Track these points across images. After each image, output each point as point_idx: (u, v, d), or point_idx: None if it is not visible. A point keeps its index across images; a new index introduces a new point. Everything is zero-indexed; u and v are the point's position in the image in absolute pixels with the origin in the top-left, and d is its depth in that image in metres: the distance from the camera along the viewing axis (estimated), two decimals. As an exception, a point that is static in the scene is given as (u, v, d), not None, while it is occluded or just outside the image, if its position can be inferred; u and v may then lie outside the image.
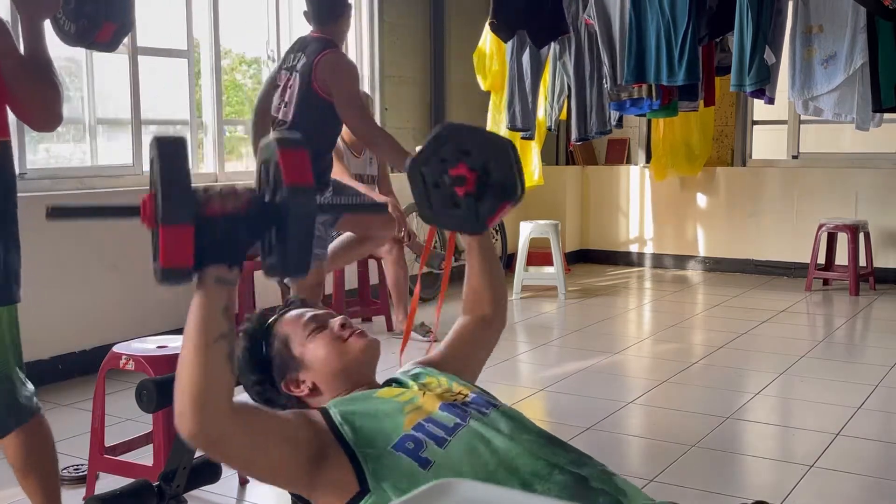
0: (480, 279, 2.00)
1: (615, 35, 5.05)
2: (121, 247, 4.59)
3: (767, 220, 7.33)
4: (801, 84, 4.65)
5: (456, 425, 1.58)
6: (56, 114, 2.21)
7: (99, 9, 2.36)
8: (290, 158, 1.37)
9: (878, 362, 4.62)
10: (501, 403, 1.71)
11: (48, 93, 2.17)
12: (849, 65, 4.48)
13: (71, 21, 2.37)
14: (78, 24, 2.38)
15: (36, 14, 2.21)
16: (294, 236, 1.37)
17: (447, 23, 6.97)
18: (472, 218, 1.83)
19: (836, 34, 4.51)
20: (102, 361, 2.92)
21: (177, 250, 1.33)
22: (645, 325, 6.03)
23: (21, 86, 2.13)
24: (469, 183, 1.81)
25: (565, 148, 8.08)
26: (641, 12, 4.82)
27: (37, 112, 2.20)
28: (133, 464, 2.89)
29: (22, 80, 2.13)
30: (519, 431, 1.59)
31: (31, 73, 2.16)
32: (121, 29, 2.44)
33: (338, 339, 1.76)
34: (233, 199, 1.40)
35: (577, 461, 1.56)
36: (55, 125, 2.26)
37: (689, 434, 3.51)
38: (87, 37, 2.41)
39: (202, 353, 1.40)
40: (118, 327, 4.42)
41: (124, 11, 2.43)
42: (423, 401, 1.65)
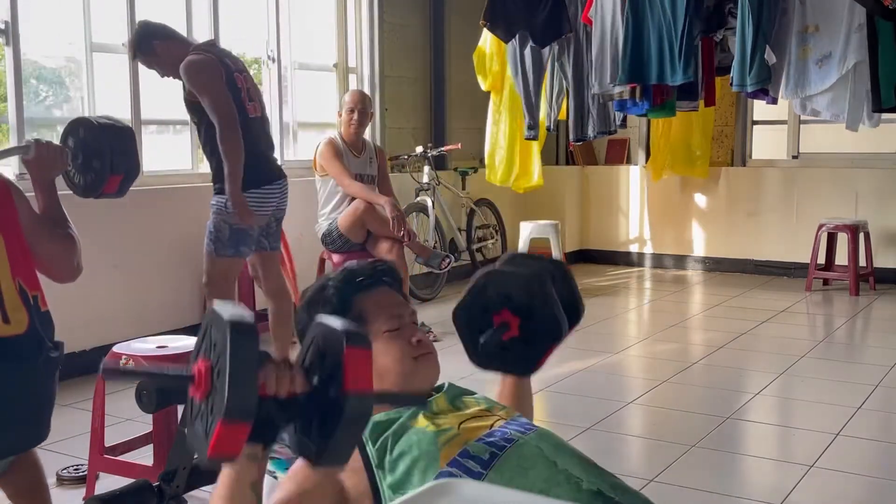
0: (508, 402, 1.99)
1: (607, 36, 5.04)
2: (121, 247, 4.60)
3: (767, 220, 7.33)
4: (794, 83, 4.65)
5: (492, 456, 1.54)
6: (74, 266, 2.29)
7: (105, 164, 2.51)
8: (355, 360, 1.27)
9: (878, 362, 4.61)
10: (538, 427, 1.68)
11: (66, 248, 2.26)
12: (842, 64, 4.48)
13: (80, 175, 2.48)
14: (86, 178, 2.52)
15: (47, 174, 2.31)
16: (342, 437, 1.29)
17: (447, 23, 6.97)
18: (522, 361, 1.90)
19: (832, 34, 4.51)
20: (102, 361, 2.92)
21: (229, 445, 1.27)
22: (645, 325, 6.02)
23: (40, 245, 2.19)
24: (513, 328, 1.84)
25: (565, 148, 8.08)
26: (640, 13, 4.81)
27: (57, 267, 2.27)
28: (133, 464, 2.89)
29: (39, 239, 2.19)
30: (557, 456, 1.56)
31: (48, 230, 2.23)
32: (126, 179, 2.56)
33: (407, 356, 1.71)
34: (286, 383, 1.32)
35: (618, 486, 1.54)
36: (75, 276, 2.32)
37: (689, 434, 3.51)
38: (95, 189, 2.58)
39: None
40: (118, 327, 4.42)
41: (129, 162, 2.55)
42: (458, 430, 1.60)
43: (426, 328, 5.13)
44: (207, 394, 1.29)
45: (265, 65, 5.83)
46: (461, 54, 6.75)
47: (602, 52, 5.09)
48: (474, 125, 7.00)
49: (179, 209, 4.93)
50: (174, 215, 4.90)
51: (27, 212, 2.20)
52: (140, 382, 2.00)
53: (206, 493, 2.89)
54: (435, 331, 5.14)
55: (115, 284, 4.58)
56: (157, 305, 4.76)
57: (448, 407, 1.70)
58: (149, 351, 2.86)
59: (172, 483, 1.98)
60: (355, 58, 6.44)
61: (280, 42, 5.80)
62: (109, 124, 2.60)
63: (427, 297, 6.28)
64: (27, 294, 2.12)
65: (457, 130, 7.04)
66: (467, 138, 6.93)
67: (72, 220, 2.34)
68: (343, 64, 6.33)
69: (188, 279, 4.84)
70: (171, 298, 4.87)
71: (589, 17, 5.18)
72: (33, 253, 2.19)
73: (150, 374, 1.58)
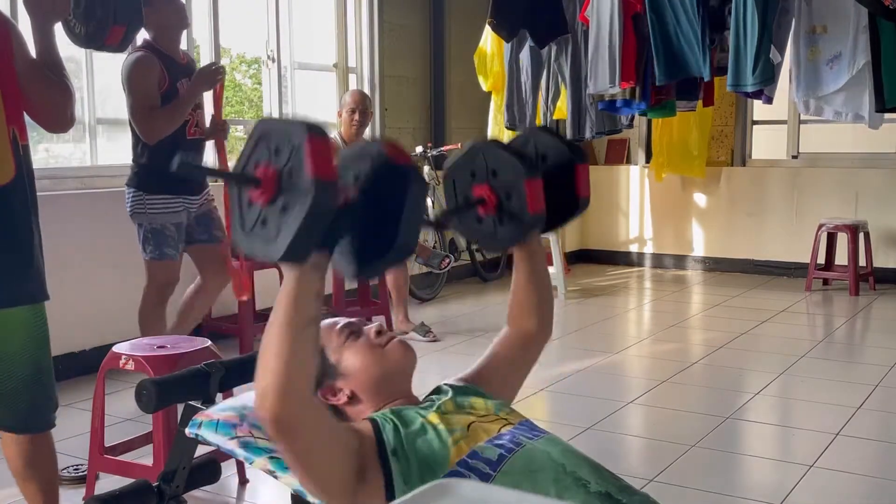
0: (525, 288, 1.92)
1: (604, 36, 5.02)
2: (121, 247, 4.59)
3: (767, 220, 7.33)
4: (806, 85, 4.63)
5: (500, 458, 1.55)
6: (68, 116, 2.23)
7: (108, 12, 2.39)
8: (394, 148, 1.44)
9: (878, 362, 4.62)
10: (546, 432, 1.68)
11: (60, 95, 2.20)
12: (852, 64, 4.47)
13: (81, 24, 2.40)
14: (88, 27, 2.40)
15: (47, 18, 2.23)
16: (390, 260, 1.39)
17: (447, 23, 6.97)
18: (491, 239, 1.81)
19: (840, 34, 4.50)
20: (102, 361, 2.92)
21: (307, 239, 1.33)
22: (645, 325, 6.02)
23: (33, 89, 2.14)
24: (489, 206, 1.76)
25: (565, 148, 8.06)
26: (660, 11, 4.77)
27: (49, 114, 2.21)
28: (133, 464, 2.89)
29: (34, 84, 2.14)
30: (565, 459, 1.56)
31: (43, 76, 2.17)
32: (130, 30, 2.47)
33: (376, 347, 1.74)
34: (344, 192, 1.40)
35: (626, 489, 1.55)
36: (67, 127, 2.28)
37: (689, 434, 3.51)
38: (97, 39, 2.45)
39: (294, 335, 1.38)
40: (118, 327, 4.41)
41: (133, 13, 2.46)
42: (468, 432, 1.62)
43: (426, 328, 5.14)
44: (274, 197, 1.33)
45: (265, 65, 5.84)
46: (461, 54, 6.75)
47: (597, 53, 5.08)
48: (474, 125, 7.00)
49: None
50: (174, 215, 4.89)
51: (23, 55, 2.15)
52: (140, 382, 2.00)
53: (206, 493, 2.89)
54: (435, 331, 5.15)
55: (115, 284, 4.58)
56: (157, 305, 4.75)
57: (455, 407, 1.71)
58: (149, 351, 2.86)
59: (172, 483, 1.98)
60: (355, 58, 6.44)
61: (280, 42, 5.80)
62: None
63: (427, 297, 6.28)
64: (18, 143, 2.08)
65: (457, 130, 7.04)
66: (467, 138, 6.89)
67: (71, 220, 2.33)
68: (343, 64, 6.33)
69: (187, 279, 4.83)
70: (171, 298, 4.86)
71: (586, 17, 5.17)
72: (26, 98, 2.14)
73: (219, 174, 1.59)
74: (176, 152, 3.76)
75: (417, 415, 1.66)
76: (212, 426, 1.91)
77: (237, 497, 3.00)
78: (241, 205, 1.38)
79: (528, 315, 1.93)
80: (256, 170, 1.36)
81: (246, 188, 1.37)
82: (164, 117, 3.78)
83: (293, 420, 1.41)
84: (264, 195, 1.34)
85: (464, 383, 1.83)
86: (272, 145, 1.37)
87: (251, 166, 1.38)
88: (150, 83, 3.76)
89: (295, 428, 1.42)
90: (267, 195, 1.34)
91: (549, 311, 1.97)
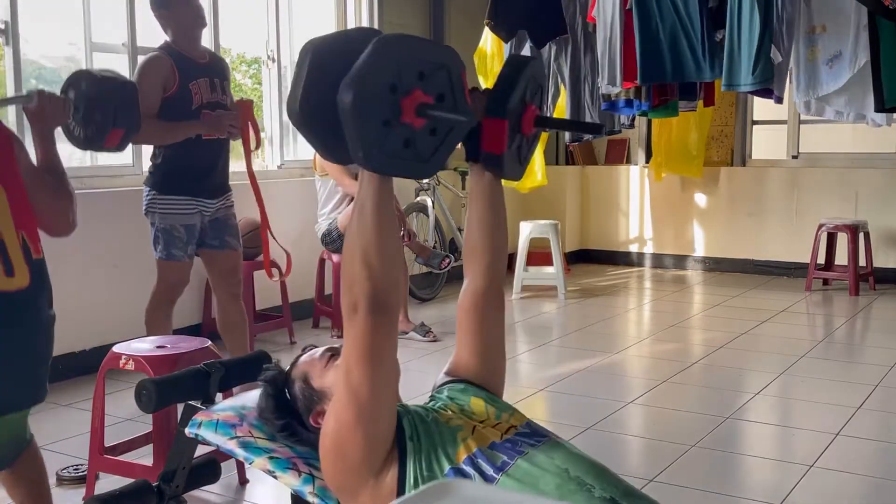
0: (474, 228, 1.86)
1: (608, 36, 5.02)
2: (121, 247, 4.60)
3: (767, 220, 7.33)
4: (806, 84, 4.62)
5: (504, 464, 1.57)
6: (70, 220, 2.27)
7: (107, 116, 2.45)
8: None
9: (878, 362, 4.62)
10: (550, 435, 1.69)
11: (63, 202, 2.24)
12: (853, 63, 4.46)
13: (80, 127, 2.45)
14: (87, 131, 2.47)
15: (48, 125, 2.29)
16: None
17: (447, 23, 6.97)
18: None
19: (840, 33, 4.49)
20: (102, 361, 2.92)
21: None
22: (645, 325, 6.02)
23: (38, 198, 2.18)
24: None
25: (565, 148, 8.08)
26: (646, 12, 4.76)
27: (54, 221, 2.25)
28: (133, 464, 2.89)
29: (39, 192, 2.18)
30: (569, 464, 1.57)
31: (47, 184, 2.21)
32: (128, 133, 2.52)
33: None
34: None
35: (631, 492, 1.55)
36: (70, 231, 2.31)
37: (689, 434, 3.51)
38: (96, 142, 2.53)
39: (389, 228, 1.53)
40: (118, 327, 4.42)
41: (131, 117, 2.51)
42: (473, 435, 1.64)
43: (426, 328, 5.14)
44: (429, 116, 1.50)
45: (265, 65, 5.83)
46: (461, 54, 6.71)
47: (604, 52, 5.08)
48: (474, 125, 7.00)
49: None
50: (174, 215, 4.89)
51: (27, 163, 2.18)
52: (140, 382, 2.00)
53: (206, 492, 2.89)
54: (435, 331, 5.15)
55: (115, 284, 4.58)
56: (157, 305, 4.75)
57: (458, 410, 1.72)
58: (148, 351, 2.86)
59: (172, 483, 1.98)
60: (355, 58, 6.43)
61: (280, 42, 5.80)
62: (112, 77, 2.58)
63: (427, 297, 6.28)
64: (29, 249, 2.10)
65: (457, 130, 7.03)
66: (467, 138, 6.92)
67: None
68: (343, 64, 6.32)
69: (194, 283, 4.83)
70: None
71: (593, 17, 5.16)
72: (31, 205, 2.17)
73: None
74: (192, 154, 3.75)
75: (428, 410, 1.70)
76: (211, 426, 1.91)
77: (237, 497, 3.00)
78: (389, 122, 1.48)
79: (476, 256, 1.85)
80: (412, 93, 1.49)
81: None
82: (151, 131, 3.67)
83: (396, 311, 1.57)
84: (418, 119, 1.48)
85: (456, 380, 1.84)
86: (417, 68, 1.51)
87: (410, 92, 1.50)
88: (152, 85, 3.70)
89: (394, 321, 1.57)
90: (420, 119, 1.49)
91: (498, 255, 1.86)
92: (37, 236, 2.14)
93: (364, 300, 1.49)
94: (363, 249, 1.50)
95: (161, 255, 3.83)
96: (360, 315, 1.50)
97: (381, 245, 1.50)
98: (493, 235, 1.85)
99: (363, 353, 1.52)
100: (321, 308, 5.50)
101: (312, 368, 1.82)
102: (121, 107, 2.50)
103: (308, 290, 5.58)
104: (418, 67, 1.52)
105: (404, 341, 5.00)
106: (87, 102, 2.45)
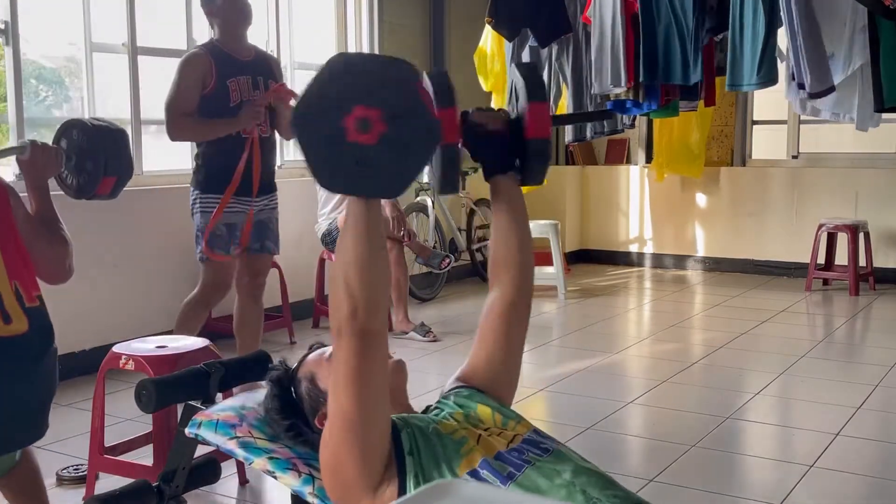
0: (500, 242, 1.88)
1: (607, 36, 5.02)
2: (121, 247, 4.60)
3: (767, 220, 7.33)
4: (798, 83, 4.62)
5: (510, 474, 1.55)
6: (66, 267, 2.29)
7: (98, 165, 2.50)
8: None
9: (878, 362, 4.62)
10: (557, 444, 1.68)
11: (59, 250, 2.27)
12: (847, 65, 4.46)
13: (73, 177, 2.48)
14: (79, 179, 2.51)
15: (41, 175, 2.32)
16: None
17: (447, 23, 6.97)
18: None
19: (835, 34, 4.49)
20: (102, 361, 2.92)
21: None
22: (645, 325, 6.02)
23: (34, 247, 2.20)
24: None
25: (565, 148, 8.07)
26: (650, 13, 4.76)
27: (50, 269, 2.27)
28: (133, 464, 2.89)
29: (35, 242, 2.20)
30: (575, 476, 1.56)
31: (43, 233, 2.24)
32: (119, 181, 2.55)
33: None
34: None
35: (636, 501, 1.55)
36: (67, 278, 2.33)
37: (689, 434, 3.51)
38: (87, 190, 2.57)
39: (376, 254, 1.50)
40: (118, 327, 4.42)
41: (122, 164, 2.55)
42: (477, 444, 1.62)
43: (426, 328, 5.13)
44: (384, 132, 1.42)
45: (265, 65, 5.83)
46: (461, 54, 6.75)
47: (601, 53, 5.07)
48: (474, 125, 7.00)
49: (179, 209, 4.91)
50: (174, 215, 4.89)
51: (22, 213, 2.20)
52: (140, 382, 2.00)
53: (206, 492, 2.89)
54: (435, 330, 5.14)
55: (115, 284, 4.58)
56: (157, 305, 4.76)
57: (464, 418, 1.71)
58: (149, 351, 2.86)
59: (172, 483, 1.98)
60: (355, 58, 6.43)
61: (280, 42, 5.80)
62: (103, 126, 2.61)
63: (427, 297, 6.28)
64: (23, 297, 2.12)
65: (457, 130, 7.03)
66: (467, 138, 6.92)
67: (71, 220, 2.34)
68: (343, 64, 6.32)
69: (188, 279, 4.83)
70: (171, 298, 4.85)
71: (588, 17, 5.16)
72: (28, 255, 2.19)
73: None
74: (232, 152, 3.72)
75: (428, 422, 1.67)
76: (211, 426, 1.91)
77: (237, 497, 3.00)
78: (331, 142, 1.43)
79: (503, 271, 1.86)
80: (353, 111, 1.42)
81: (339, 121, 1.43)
82: (190, 127, 3.72)
83: (380, 334, 1.52)
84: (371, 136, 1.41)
85: (465, 387, 1.82)
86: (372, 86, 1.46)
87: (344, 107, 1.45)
88: (190, 83, 3.69)
89: (379, 343, 1.53)
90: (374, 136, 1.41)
91: (527, 266, 1.89)
92: (32, 285, 2.16)
93: (347, 324, 1.48)
94: (345, 272, 1.49)
95: (201, 256, 3.79)
96: (344, 339, 1.49)
97: (363, 269, 1.48)
98: (524, 249, 1.88)
99: (349, 376, 1.51)
100: (321, 308, 5.50)
101: (319, 369, 1.79)
102: (112, 155, 2.54)
103: (308, 290, 5.58)
104: (364, 85, 1.49)
105: (404, 341, 5.00)
106: (79, 152, 2.50)
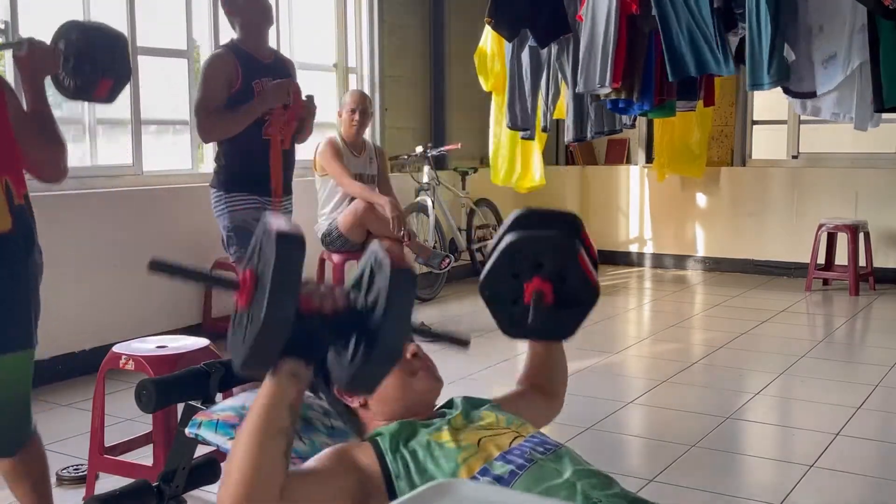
0: (542, 371, 1.99)
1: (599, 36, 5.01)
2: (121, 247, 4.59)
3: (767, 220, 7.33)
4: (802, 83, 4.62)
5: (512, 474, 1.54)
6: (61, 167, 2.29)
7: (96, 67, 2.48)
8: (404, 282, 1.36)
9: (878, 362, 4.61)
10: (558, 445, 1.67)
11: (54, 148, 2.26)
12: (846, 65, 4.46)
13: (70, 78, 2.47)
14: (77, 81, 2.49)
15: (37, 73, 2.30)
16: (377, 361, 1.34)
17: (447, 23, 6.97)
18: (559, 328, 1.84)
19: (835, 34, 4.49)
20: (102, 361, 2.92)
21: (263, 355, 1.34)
22: (645, 325, 6.02)
23: (27, 143, 2.19)
24: (547, 296, 1.77)
25: (565, 148, 8.07)
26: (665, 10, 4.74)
27: (43, 167, 2.27)
28: (133, 464, 2.89)
29: (28, 138, 2.19)
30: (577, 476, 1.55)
31: (37, 130, 2.23)
32: (117, 84, 2.55)
33: (404, 371, 1.73)
34: (331, 301, 1.38)
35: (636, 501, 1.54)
36: (61, 178, 2.33)
37: (689, 434, 3.51)
38: (85, 92, 2.54)
39: (260, 444, 1.38)
40: (118, 327, 4.42)
41: (120, 67, 2.54)
42: (478, 447, 1.60)
43: (426, 328, 5.12)
44: (250, 302, 1.31)
45: (265, 65, 5.83)
46: (461, 54, 6.75)
47: (589, 51, 5.07)
48: (474, 125, 7.01)
49: (179, 209, 4.93)
50: (174, 215, 4.90)
51: (17, 110, 2.19)
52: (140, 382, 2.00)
53: (206, 493, 2.89)
54: (435, 331, 5.14)
55: (115, 284, 4.58)
56: (157, 305, 4.76)
57: (465, 423, 1.69)
58: (149, 351, 2.86)
59: (172, 483, 1.98)
60: (355, 58, 6.44)
61: (280, 42, 5.80)
62: (102, 26, 2.59)
63: (427, 297, 6.28)
64: (12, 194, 2.11)
65: (457, 130, 7.04)
66: (467, 138, 6.93)
67: (72, 220, 2.34)
68: (343, 64, 6.33)
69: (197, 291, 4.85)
70: (171, 298, 4.87)
71: (581, 15, 5.16)
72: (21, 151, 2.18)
73: (198, 275, 1.53)
74: (250, 153, 3.72)
75: (426, 433, 1.63)
76: (211, 426, 1.91)
77: (237, 497, 3.00)
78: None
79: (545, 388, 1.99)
80: (244, 271, 1.35)
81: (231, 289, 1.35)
82: (222, 121, 3.69)
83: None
84: (242, 298, 1.33)
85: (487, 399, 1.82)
86: (263, 248, 1.34)
87: (244, 266, 1.37)
88: (217, 83, 3.68)
89: None
90: (245, 299, 1.33)
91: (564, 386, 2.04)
92: (21, 183, 2.15)
93: None
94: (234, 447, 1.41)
95: (239, 255, 3.70)
96: None
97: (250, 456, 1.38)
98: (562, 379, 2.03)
99: None
100: (321, 308, 5.50)
101: None
102: (110, 58, 2.51)
103: (308, 290, 5.58)
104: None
105: (404, 341, 5.00)
106: (78, 53, 2.45)
